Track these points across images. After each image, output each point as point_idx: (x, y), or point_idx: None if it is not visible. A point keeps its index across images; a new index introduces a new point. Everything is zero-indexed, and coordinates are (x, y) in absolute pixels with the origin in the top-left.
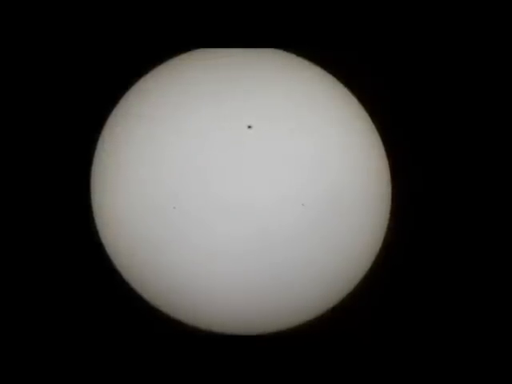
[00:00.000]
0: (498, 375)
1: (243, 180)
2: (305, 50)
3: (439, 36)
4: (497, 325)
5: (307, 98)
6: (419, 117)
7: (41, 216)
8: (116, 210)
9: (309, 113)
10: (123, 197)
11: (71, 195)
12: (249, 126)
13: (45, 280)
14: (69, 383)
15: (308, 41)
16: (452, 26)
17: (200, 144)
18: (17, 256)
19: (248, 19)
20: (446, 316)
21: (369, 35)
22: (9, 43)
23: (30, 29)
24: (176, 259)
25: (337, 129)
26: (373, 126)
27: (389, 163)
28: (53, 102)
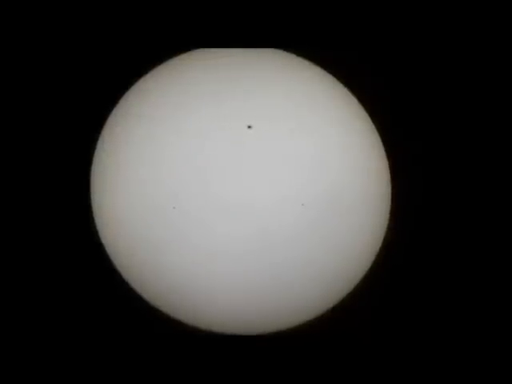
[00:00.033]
0: (498, 375)
1: (243, 180)
2: (305, 50)
3: (439, 36)
4: (497, 325)
5: (307, 98)
6: (419, 117)
7: (41, 216)
8: (116, 210)
9: (309, 113)
10: (123, 197)
11: (71, 195)
12: (249, 126)
13: (45, 280)
14: (69, 383)
15: (308, 41)
16: (452, 26)
17: (200, 144)
18: (17, 256)
19: (248, 19)
20: (446, 316)
21: (369, 35)
22: (9, 43)
23: (30, 29)
24: (176, 259)
25: (337, 129)
26: (373, 126)
27: (389, 163)
28: (53, 102)
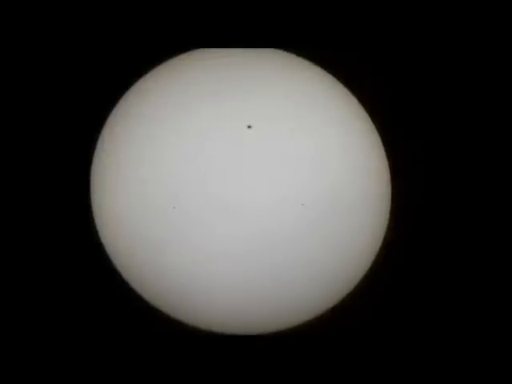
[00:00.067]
0: (498, 375)
1: (243, 180)
2: (305, 50)
3: (439, 36)
4: (497, 325)
5: (307, 98)
6: (419, 117)
7: (40, 216)
8: (116, 210)
9: (309, 113)
10: (123, 197)
11: (71, 195)
12: (249, 126)
13: (45, 280)
14: (69, 383)
15: (308, 41)
16: (452, 26)
17: (200, 144)
18: (17, 256)
19: (248, 19)
20: (446, 316)
21: (369, 35)
22: (9, 43)
23: (30, 29)
24: (176, 259)
25: (337, 129)
26: (373, 126)
27: (389, 163)
28: (53, 102)
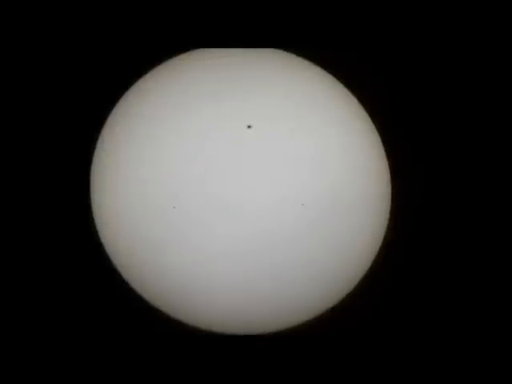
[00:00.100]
0: (498, 375)
1: (243, 180)
2: (305, 50)
3: (439, 36)
4: (497, 325)
5: (307, 98)
6: (419, 117)
7: (40, 216)
8: (116, 210)
9: (309, 113)
10: (123, 197)
11: (71, 195)
12: (249, 126)
13: (44, 280)
14: (69, 383)
15: (308, 41)
16: (452, 26)
17: (200, 144)
18: (16, 256)
19: (248, 19)
20: (446, 316)
21: (369, 35)
22: (9, 43)
23: (30, 29)
24: (176, 259)
25: (337, 129)
26: (373, 126)
27: (389, 163)
28: (53, 102)
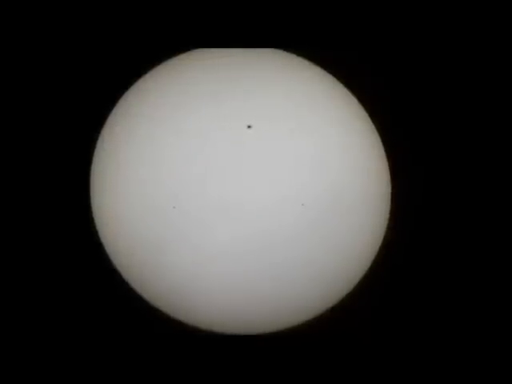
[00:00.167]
0: (498, 375)
1: (243, 180)
2: (305, 50)
3: (439, 36)
4: (497, 325)
5: (307, 98)
6: (419, 117)
7: (40, 216)
8: (116, 210)
9: (309, 113)
10: (123, 197)
11: (71, 195)
12: (249, 126)
13: (44, 280)
14: (69, 383)
15: (308, 41)
16: (452, 26)
17: (200, 144)
18: (17, 256)
19: (248, 19)
20: (446, 316)
21: (369, 35)
22: (9, 43)
23: (30, 29)
24: (176, 259)
25: (337, 129)
26: (373, 126)
27: (389, 163)
28: (52, 102)
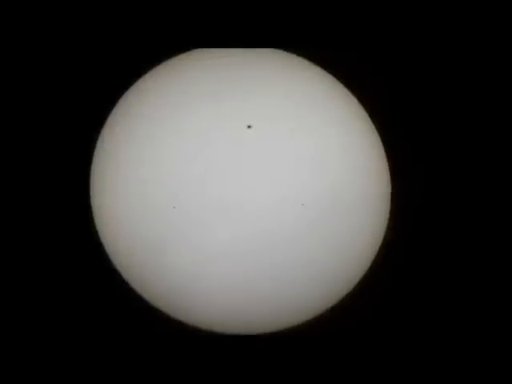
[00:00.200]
0: (498, 375)
1: (243, 180)
2: (305, 50)
3: (439, 36)
4: (497, 325)
5: (307, 98)
6: (419, 117)
7: (40, 216)
8: (116, 210)
9: (309, 113)
10: (123, 197)
11: (71, 195)
12: (249, 126)
13: (44, 280)
14: (69, 383)
15: (308, 41)
16: (452, 26)
17: (200, 144)
18: (16, 256)
19: (248, 19)
20: (446, 316)
21: (369, 35)
22: (9, 43)
23: (30, 29)
24: (176, 259)
25: (337, 129)
26: (373, 126)
27: (389, 163)
28: (52, 102)
